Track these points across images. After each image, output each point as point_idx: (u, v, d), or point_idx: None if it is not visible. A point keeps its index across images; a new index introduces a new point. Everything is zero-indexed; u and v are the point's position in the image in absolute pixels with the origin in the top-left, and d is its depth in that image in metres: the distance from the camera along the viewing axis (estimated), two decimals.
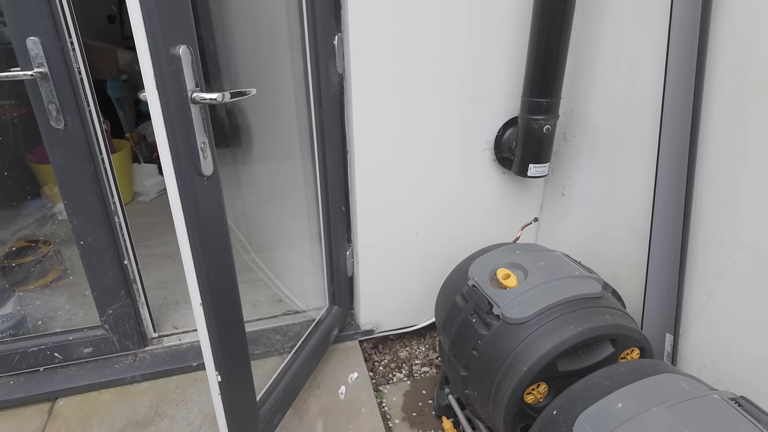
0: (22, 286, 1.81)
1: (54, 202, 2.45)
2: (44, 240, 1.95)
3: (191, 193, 0.82)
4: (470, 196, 1.55)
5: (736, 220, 1.00)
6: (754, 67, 0.93)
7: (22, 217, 2.37)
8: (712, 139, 1.04)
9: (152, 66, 0.73)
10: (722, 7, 0.98)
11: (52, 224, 2.37)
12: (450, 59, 1.35)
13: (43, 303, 1.75)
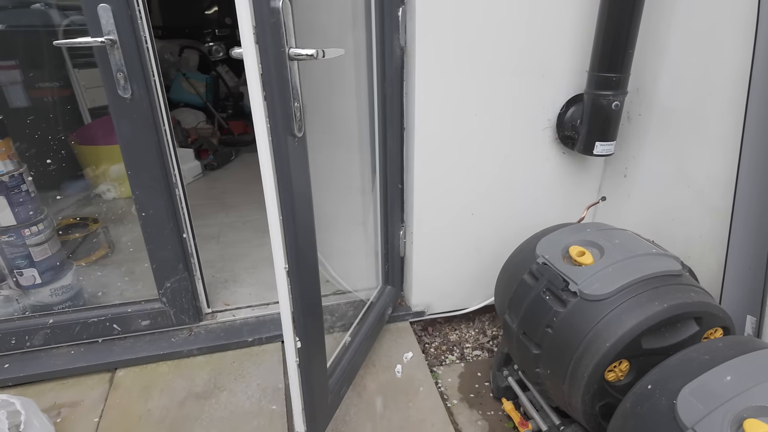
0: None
1: (96, 183, 2.48)
2: (93, 218, 1.97)
3: (284, 154, 0.80)
4: (528, 176, 1.52)
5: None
6: None
7: (64, 198, 2.40)
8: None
9: (253, 19, 0.71)
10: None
11: (95, 204, 2.40)
12: (513, 33, 1.32)
13: (94, 278, 1.76)
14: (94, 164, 2.44)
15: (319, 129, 1.63)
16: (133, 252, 1.94)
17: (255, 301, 1.72)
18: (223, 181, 2.95)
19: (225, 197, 2.67)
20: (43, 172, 1.95)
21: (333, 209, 1.75)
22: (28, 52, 2.43)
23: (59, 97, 2.58)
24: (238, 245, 2.15)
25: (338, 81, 1.49)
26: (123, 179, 2.40)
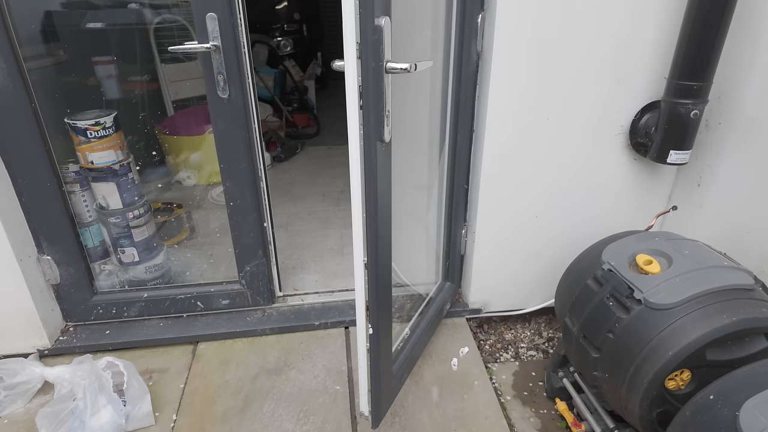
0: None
1: (176, 170, 2.70)
2: (177, 204, 2.15)
3: (372, 157, 0.88)
4: (597, 182, 1.52)
5: None
6: None
7: (146, 183, 2.64)
8: None
9: (358, 35, 0.79)
10: None
11: (175, 190, 2.61)
12: (590, 39, 1.33)
13: (176, 259, 1.95)
14: (175, 153, 2.65)
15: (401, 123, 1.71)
16: (211, 236, 2.11)
17: (321, 288, 1.84)
18: (290, 173, 3.11)
19: (292, 188, 2.82)
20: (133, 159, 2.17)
21: (399, 204, 1.82)
22: (123, 47, 2.68)
23: (147, 90, 2.82)
24: (304, 234, 2.28)
25: (414, 82, 1.55)
26: (201, 167, 2.61)
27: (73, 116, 1.45)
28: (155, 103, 2.86)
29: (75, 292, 1.55)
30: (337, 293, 1.79)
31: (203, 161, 2.55)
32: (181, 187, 2.62)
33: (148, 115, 2.82)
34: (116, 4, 2.73)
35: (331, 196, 2.69)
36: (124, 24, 2.69)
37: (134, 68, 2.76)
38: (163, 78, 2.81)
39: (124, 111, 2.63)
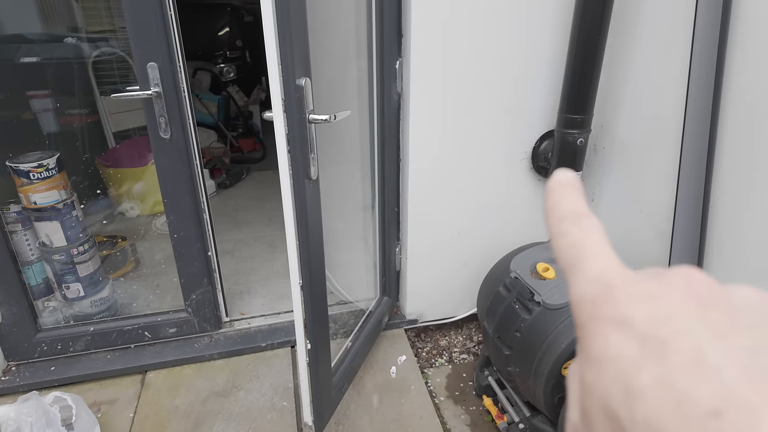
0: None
1: (119, 202, 2.71)
2: (122, 236, 2.19)
3: (302, 193, 1.02)
4: (508, 201, 1.74)
5: (749, 220, 1.17)
6: (760, 95, 1.11)
7: (89, 216, 2.63)
8: (725, 153, 1.22)
9: (282, 93, 0.94)
10: (736, 41, 1.16)
11: (118, 222, 2.62)
12: (494, 79, 1.55)
13: (123, 291, 1.98)
14: (118, 185, 2.66)
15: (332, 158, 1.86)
16: (156, 266, 2.16)
17: (267, 311, 1.93)
18: (236, 198, 3.18)
19: (238, 214, 2.90)
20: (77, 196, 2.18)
21: (338, 225, 1.97)
22: (60, 81, 2.68)
23: (86, 123, 2.82)
24: (251, 260, 2.36)
25: (351, 121, 1.72)
26: (145, 197, 2.64)
27: (15, 159, 1.49)
28: (95, 135, 2.86)
29: (18, 331, 1.56)
30: (283, 314, 1.89)
31: (146, 192, 2.59)
32: (125, 219, 2.64)
33: (88, 148, 2.82)
34: (52, 39, 2.73)
35: (278, 221, 2.79)
36: (61, 58, 2.70)
37: (72, 101, 2.76)
38: (102, 110, 2.82)
39: (63, 145, 2.63)
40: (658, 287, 0.17)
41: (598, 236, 0.20)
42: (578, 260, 0.20)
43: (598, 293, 0.18)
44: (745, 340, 0.15)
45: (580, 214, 0.21)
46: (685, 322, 0.15)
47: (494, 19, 1.47)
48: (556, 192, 0.22)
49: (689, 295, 0.16)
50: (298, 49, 0.93)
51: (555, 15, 1.50)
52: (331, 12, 1.54)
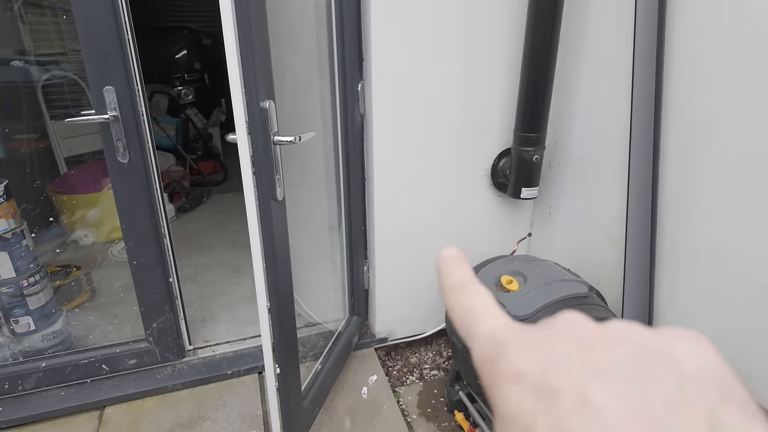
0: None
1: (72, 230, 2.59)
2: (76, 265, 2.09)
3: (268, 214, 1.02)
4: (471, 216, 1.79)
5: (693, 229, 1.26)
6: (695, 111, 1.21)
7: (40, 245, 2.50)
8: (669, 164, 1.31)
9: (246, 116, 0.94)
10: (671, 67, 1.26)
11: (71, 250, 2.50)
12: (454, 100, 1.61)
13: (78, 323, 1.88)
14: (71, 212, 2.55)
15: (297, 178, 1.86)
16: (114, 295, 2.07)
17: (232, 337, 1.88)
18: (197, 222, 3.10)
19: (199, 238, 2.82)
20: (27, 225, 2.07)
21: (304, 246, 1.95)
22: (7, 105, 2.56)
23: (36, 148, 2.70)
24: (214, 285, 2.30)
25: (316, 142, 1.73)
26: (100, 224, 2.54)
27: None
28: (46, 161, 2.74)
29: None
30: (249, 340, 1.85)
31: (102, 218, 2.49)
32: (79, 247, 2.52)
33: (39, 174, 2.69)
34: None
35: (242, 243, 2.74)
36: (7, 82, 2.59)
37: (20, 126, 2.64)
38: (53, 135, 2.72)
39: (11, 171, 2.49)
40: (543, 336, 0.19)
41: (484, 299, 0.22)
42: (471, 325, 0.21)
43: (491, 352, 0.19)
44: (621, 373, 0.16)
45: (466, 282, 0.24)
46: (568, 365, 0.17)
47: (453, 43, 1.54)
48: (443, 267, 0.25)
49: (570, 338, 0.18)
50: (262, 72, 0.94)
51: (509, 42, 1.59)
52: (293, 36, 1.56)
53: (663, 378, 0.16)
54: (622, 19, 1.38)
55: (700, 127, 1.21)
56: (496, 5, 1.54)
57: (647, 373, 0.16)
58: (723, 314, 1.21)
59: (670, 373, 0.16)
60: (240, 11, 0.88)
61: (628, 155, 1.40)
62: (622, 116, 1.43)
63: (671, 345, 0.17)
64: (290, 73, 1.54)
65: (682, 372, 0.16)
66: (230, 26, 0.88)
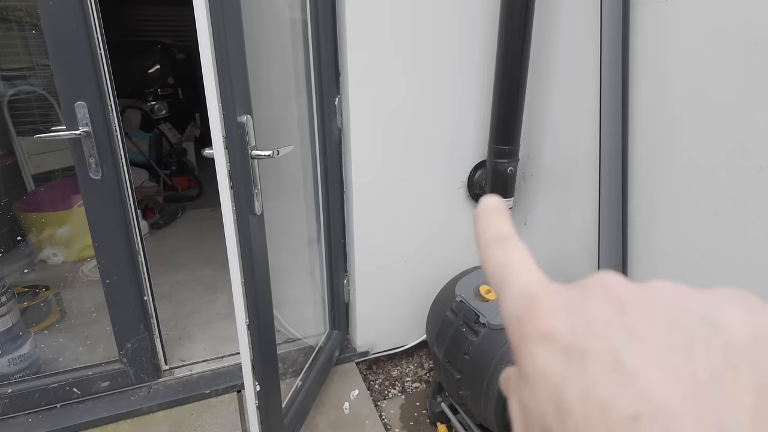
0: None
1: (40, 249, 2.50)
2: (44, 285, 2.01)
3: (246, 228, 1.01)
4: (449, 228, 1.81)
5: (660, 235, 1.31)
6: (660, 122, 1.26)
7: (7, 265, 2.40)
8: (637, 174, 1.36)
9: (223, 130, 0.94)
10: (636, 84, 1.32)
11: (40, 270, 2.42)
12: (430, 114, 1.63)
13: (47, 345, 1.81)
14: (39, 230, 2.47)
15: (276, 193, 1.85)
16: (86, 315, 2.00)
17: (210, 355, 1.84)
18: (172, 239, 3.04)
19: (174, 256, 2.76)
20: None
21: (283, 261, 1.93)
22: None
23: (2, 166, 2.61)
24: (190, 302, 2.25)
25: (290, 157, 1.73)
26: (70, 243, 2.46)
27: None
28: (12, 178, 2.66)
29: None
30: (227, 358, 1.81)
31: (72, 236, 2.42)
32: (48, 267, 2.44)
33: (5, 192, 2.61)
34: None
35: (217, 260, 2.69)
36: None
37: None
38: (20, 152, 2.64)
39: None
40: (578, 296, 0.17)
41: (520, 255, 0.21)
42: (503, 280, 0.20)
43: (522, 310, 0.18)
44: (662, 340, 0.15)
45: (504, 236, 0.22)
46: (603, 328, 0.16)
47: (430, 59, 1.57)
48: (481, 218, 0.23)
49: (606, 299, 0.17)
50: (239, 86, 0.94)
51: (482, 57, 1.63)
52: (270, 52, 1.57)
53: (709, 345, 0.15)
54: (590, 35, 1.44)
55: (665, 140, 1.26)
56: (470, 22, 1.59)
57: (691, 340, 0.15)
58: None
59: (717, 340, 0.15)
60: (216, 24, 0.88)
61: (598, 166, 1.45)
62: (591, 128, 1.48)
63: (720, 308, 0.16)
64: (268, 88, 1.54)
65: (731, 338, 0.15)
66: (206, 40, 0.88)
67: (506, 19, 1.49)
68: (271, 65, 1.58)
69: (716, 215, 1.16)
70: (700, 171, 1.19)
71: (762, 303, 0.16)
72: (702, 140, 1.17)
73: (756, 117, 1.05)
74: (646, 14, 1.27)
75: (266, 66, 1.55)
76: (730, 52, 1.08)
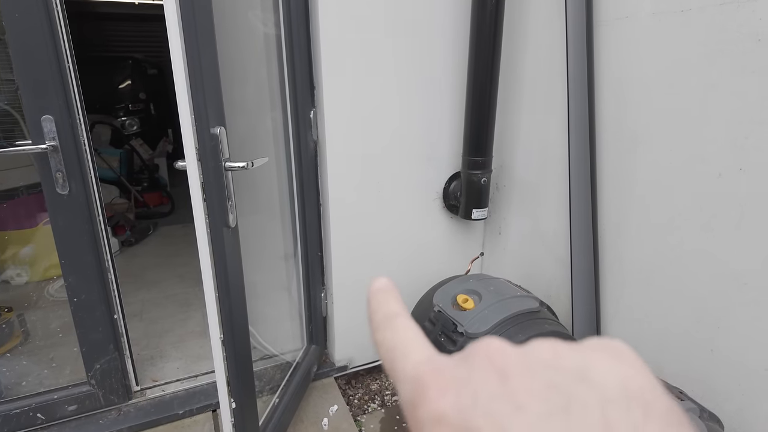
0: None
1: (2, 269, 2.40)
2: (6, 307, 1.92)
3: (220, 241, 1.00)
4: (425, 238, 1.83)
5: (629, 242, 1.35)
6: (625, 135, 1.32)
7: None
8: (605, 184, 1.41)
9: (196, 142, 0.93)
10: (601, 99, 1.37)
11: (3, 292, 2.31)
12: (405, 127, 1.66)
13: (8, 370, 1.73)
14: (1, 249, 2.37)
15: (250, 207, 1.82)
16: (51, 337, 1.92)
17: (183, 375, 1.79)
18: (143, 256, 2.96)
19: (145, 274, 2.69)
20: None
21: (259, 277, 1.91)
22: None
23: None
24: (162, 321, 2.19)
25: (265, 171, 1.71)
26: (34, 262, 2.37)
27: None
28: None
29: None
30: (202, 377, 1.76)
31: (37, 256, 2.33)
32: (10, 287, 2.34)
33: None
34: None
35: (190, 277, 2.63)
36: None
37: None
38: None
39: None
40: (463, 369, 0.18)
41: (408, 334, 0.21)
42: (394, 364, 0.20)
43: (413, 395, 0.18)
44: (542, 406, 0.15)
45: (392, 315, 0.22)
46: (488, 401, 0.16)
47: (404, 73, 1.60)
48: (371, 300, 0.24)
49: (490, 368, 0.17)
50: (212, 97, 0.94)
51: (454, 71, 1.67)
52: (244, 65, 1.57)
53: (585, 404, 0.15)
54: (557, 51, 1.50)
55: (628, 151, 1.32)
56: (441, 38, 1.63)
57: (569, 401, 0.16)
58: (661, 317, 1.29)
59: (592, 397, 0.16)
60: (188, 34, 0.88)
61: (568, 177, 1.50)
62: (560, 141, 1.53)
63: (591, 363, 0.17)
64: (242, 101, 1.54)
65: (604, 393, 0.16)
66: (178, 48, 0.88)
67: (476, 36, 1.54)
68: (245, 78, 1.58)
69: (677, 222, 1.21)
70: (662, 180, 1.24)
71: (627, 351, 0.18)
72: (662, 151, 1.23)
73: (712, 127, 1.11)
74: (609, 32, 1.33)
75: (240, 79, 1.55)
76: (688, 67, 1.14)
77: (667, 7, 1.17)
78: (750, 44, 1.02)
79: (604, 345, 0.18)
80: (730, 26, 1.05)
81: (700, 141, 1.14)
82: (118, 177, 3.78)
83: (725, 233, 1.11)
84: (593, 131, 1.41)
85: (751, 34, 1.01)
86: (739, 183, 1.07)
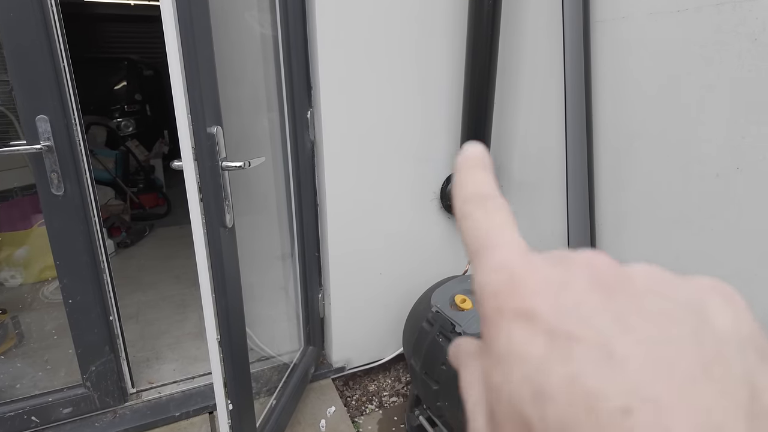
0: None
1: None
2: (1, 309, 1.91)
3: (217, 241, 0.99)
4: (423, 239, 1.82)
5: (627, 243, 1.35)
6: (622, 136, 1.32)
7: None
8: (602, 183, 1.41)
9: (193, 141, 0.92)
10: (599, 98, 1.37)
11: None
12: (402, 127, 1.65)
13: (2, 372, 1.71)
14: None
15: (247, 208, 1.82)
16: (46, 339, 1.90)
17: (179, 376, 1.77)
18: (138, 258, 2.94)
19: (141, 275, 2.67)
20: None
21: (256, 278, 1.90)
22: None
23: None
24: (158, 322, 2.18)
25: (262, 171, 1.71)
26: (29, 264, 2.35)
27: None
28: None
29: None
30: (198, 378, 1.75)
31: (31, 257, 2.31)
32: (5, 289, 2.32)
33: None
34: None
35: (187, 278, 2.62)
36: None
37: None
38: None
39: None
40: (563, 275, 0.16)
41: (501, 219, 0.19)
42: (481, 247, 0.18)
43: (500, 284, 0.17)
44: (651, 330, 0.14)
45: (485, 195, 0.20)
46: (591, 313, 0.15)
47: (402, 74, 1.60)
48: (462, 171, 0.21)
49: (594, 282, 0.16)
50: (208, 96, 0.93)
51: (452, 71, 1.67)
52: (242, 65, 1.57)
53: (698, 336, 0.14)
54: (554, 51, 1.50)
55: (626, 152, 1.32)
56: (439, 38, 1.63)
57: (680, 330, 0.14)
58: None
59: (706, 332, 0.14)
60: (185, 32, 0.88)
61: (565, 178, 1.50)
62: (558, 141, 1.53)
63: (704, 300, 0.16)
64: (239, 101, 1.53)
65: (718, 331, 0.15)
66: (175, 47, 0.87)
67: (473, 36, 1.54)
68: (242, 78, 1.58)
69: (676, 222, 1.21)
70: (659, 180, 1.24)
71: (738, 297, 0.16)
72: (659, 151, 1.23)
73: (709, 127, 1.11)
74: (605, 31, 1.34)
75: (237, 79, 1.54)
76: (685, 67, 1.15)
77: (663, 7, 1.17)
78: (746, 44, 1.02)
79: (714, 285, 0.17)
80: (726, 26, 1.05)
81: (697, 141, 1.14)
82: (113, 178, 3.76)
83: (723, 233, 1.12)
84: (590, 132, 1.41)
85: (748, 34, 1.02)
86: (737, 183, 1.08)
